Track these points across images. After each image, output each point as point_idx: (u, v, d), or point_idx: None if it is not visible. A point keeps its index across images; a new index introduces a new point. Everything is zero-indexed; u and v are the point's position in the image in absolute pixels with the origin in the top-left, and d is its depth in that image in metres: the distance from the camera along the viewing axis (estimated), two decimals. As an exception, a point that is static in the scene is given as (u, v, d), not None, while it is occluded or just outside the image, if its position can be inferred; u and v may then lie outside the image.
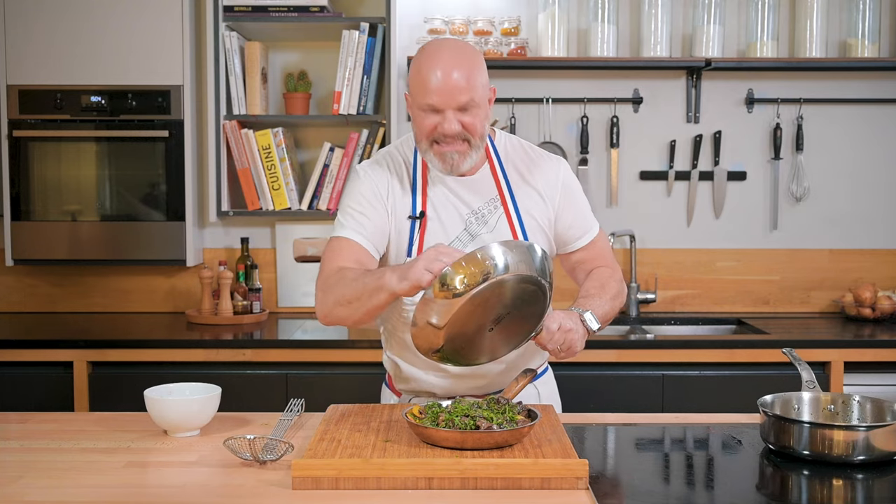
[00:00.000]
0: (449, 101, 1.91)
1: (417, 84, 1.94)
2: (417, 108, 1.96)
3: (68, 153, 3.44)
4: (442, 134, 1.94)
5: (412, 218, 2.02)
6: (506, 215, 2.05)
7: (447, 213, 2.04)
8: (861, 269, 3.74)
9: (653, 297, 3.69)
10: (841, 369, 3.12)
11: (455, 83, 1.90)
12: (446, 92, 1.90)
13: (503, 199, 2.05)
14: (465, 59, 1.93)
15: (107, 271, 3.72)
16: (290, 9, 3.43)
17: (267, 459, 1.71)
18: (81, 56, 3.40)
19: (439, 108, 1.92)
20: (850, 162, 3.74)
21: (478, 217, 2.04)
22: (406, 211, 2.04)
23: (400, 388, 2.17)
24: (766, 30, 3.58)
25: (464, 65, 1.92)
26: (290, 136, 3.66)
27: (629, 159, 3.73)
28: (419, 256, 1.79)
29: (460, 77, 1.91)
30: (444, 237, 2.02)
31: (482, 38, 3.55)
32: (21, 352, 3.12)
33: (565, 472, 1.59)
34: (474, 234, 2.03)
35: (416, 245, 2.02)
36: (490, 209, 2.05)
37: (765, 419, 1.79)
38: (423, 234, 2.02)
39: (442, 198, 2.04)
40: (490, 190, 2.06)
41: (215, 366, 3.08)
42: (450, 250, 1.77)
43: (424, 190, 2.05)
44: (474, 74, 1.93)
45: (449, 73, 1.90)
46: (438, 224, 2.03)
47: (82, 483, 1.63)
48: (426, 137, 1.97)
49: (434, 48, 1.96)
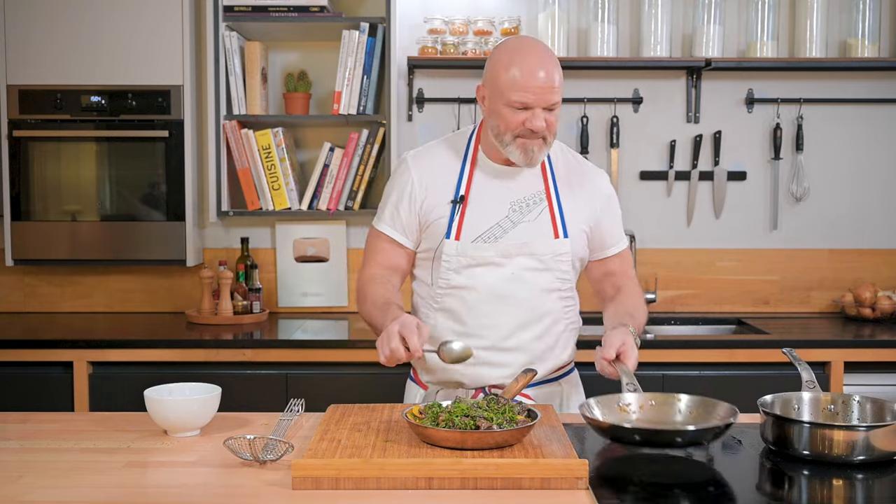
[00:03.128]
0: (540, 100, 2.01)
1: (507, 81, 2.01)
2: (504, 103, 2.03)
3: (68, 153, 3.44)
4: (530, 130, 2.03)
5: (453, 202, 2.11)
6: (549, 209, 2.13)
7: (492, 199, 2.12)
8: (861, 269, 3.74)
9: (653, 297, 3.69)
10: (841, 369, 3.12)
11: (548, 83, 2.01)
12: (540, 91, 2.00)
13: (548, 194, 2.14)
14: (553, 59, 2.04)
15: (107, 271, 3.72)
16: (290, 9, 3.43)
17: (267, 459, 1.71)
18: (81, 56, 3.40)
19: (531, 106, 2.00)
20: (850, 162, 3.74)
21: (521, 207, 2.12)
22: (449, 195, 2.12)
23: (426, 381, 2.21)
24: (766, 30, 3.58)
25: (554, 66, 2.03)
26: (290, 136, 3.66)
27: (629, 159, 3.73)
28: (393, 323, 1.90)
29: (551, 78, 2.01)
30: (483, 221, 2.10)
31: (482, 38, 3.55)
32: (21, 352, 3.12)
33: (565, 472, 1.59)
34: (516, 221, 2.11)
35: (456, 227, 2.10)
36: (535, 201, 2.14)
37: (765, 419, 1.79)
38: (462, 217, 2.10)
39: (488, 183, 2.13)
40: (537, 183, 2.15)
41: (215, 366, 3.08)
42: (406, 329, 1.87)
43: (471, 175, 2.14)
44: (559, 76, 2.04)
45: (542, 73, 2.00)
46: (480, 209, 2.11)
47: (82, 483, 1.64)
48: (511, 131, 2.04)
49: (524, 47, 2.05)
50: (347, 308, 3.73)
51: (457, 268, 2.10)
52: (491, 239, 2.09)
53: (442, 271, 2.11)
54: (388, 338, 1.88)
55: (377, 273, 2.17)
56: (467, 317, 2.11)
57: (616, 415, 1.84)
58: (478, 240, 2.09)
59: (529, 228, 2.11)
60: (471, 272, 2.10)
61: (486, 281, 2.09)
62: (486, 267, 2.09)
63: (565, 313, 2.18)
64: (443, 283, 2.12)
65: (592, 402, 1.84)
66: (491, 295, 2.10)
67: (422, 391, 2.22)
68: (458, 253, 2.09)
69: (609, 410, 1.83)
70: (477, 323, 2.11)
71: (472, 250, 2.09)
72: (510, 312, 2.10)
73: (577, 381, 2.31)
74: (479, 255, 2.09)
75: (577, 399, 2.26)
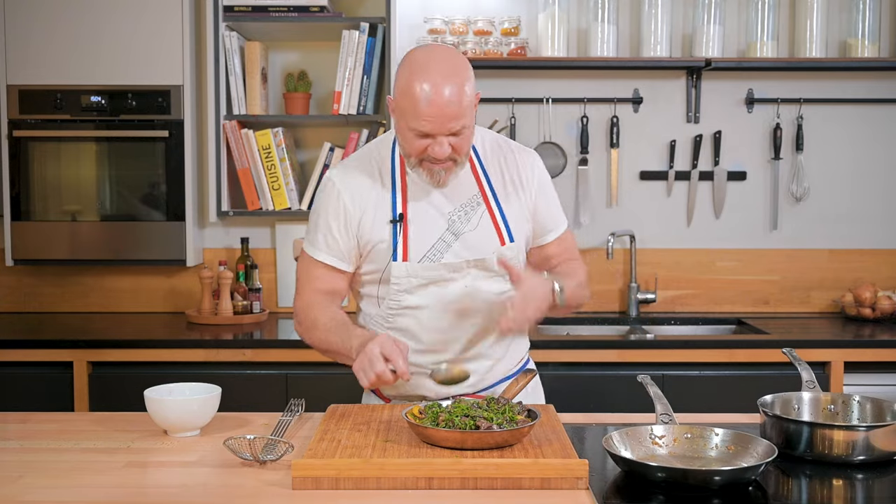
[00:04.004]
0: (442, 128, 1.89)
1: (407, 105, 1.89)
2: (406, 127, 1.92)
3: (68, 153, 3.44)
4: (432, 157, 1.93)
5: (392, 221, 2.02)
6: (488, 212, 2.05)
7: (429, 214, 2.03)
8: (861, 269, 3.74)
9: (653, 297, 3.69)
10: (841, 369, 3.12)
11: (448, 112, 1.86)
12: (440, 119, 1.87)
13: (485, 197, 2.06)
14: (456, 80, 1.87)
15: (107, 271, 3.72)
16: (290, 9, 3.43)
17: (267, 459, 1.71)
18: (81, 56, 3.40)
19: (432, 134, 1.90)
20: (850, 162, 3.74)
21: (460, 215, 2.04)
22: (385, 214, 2.03)
23: (389, 394, 2.15)
24: (766, 30, 3.58)
25: (456, 88, 1.87)
26: (290, 136, 3.66)
27: (629, 159, 3.73)
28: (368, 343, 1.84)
29: (453, 104, 1.86)
30: (426, 238, 2.02)
31: (482, 38, 3.55)
32: (21, 352, 3.11)
33: (565, 472, 1.59)
34: (457, 232, 2.03)
35: (401, 248, 2.00)
36: (472, 206, 2.05)
37: (765, 419, 1.79)
38: (405, 236, 2.01)
39: (422, 197, 2.03)
40: (471, 188, 2.06)
41: (215, 366, 3.08)
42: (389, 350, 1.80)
43: (404, 191, 2.04)
44: (465, 96, 1.89)
45: (442, 101, 1.85)
46: (420, 225, 2.02)
47: (82, 483, 1.64)
48: (415, 155, 1.95)
49: (426, 66, 1.88)
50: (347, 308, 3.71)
51: (408, 288, 2.01)
52: (436, 256, 2.01)
53: (392, 293, 2.02)
54: (371, 361, 1.80)
55: (315, 300, 2.06)
56: (423, 335, 2.04)
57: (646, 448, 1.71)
58: (424, 259, 2.01)
59: (473, 239, 2.02)
60: (424, 291, 2.02)
61: (440, 297, 2.02)
62: (438, 284, 2.02)
63: None
64: (393, 304, 2.03)
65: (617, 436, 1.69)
66: (446, 311, 2.02)
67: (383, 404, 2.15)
68: (409, 274, 2.00)
69: (637, 443, 1.70)
70: (434, 339, 2.04)
71: (421, 270, 2.00)
72: (466, 325, 2.03)
73: (533, 367, 2.24)
74: (428, 274, 2.01)
75: (536, 388, 2.22)
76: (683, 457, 1.69)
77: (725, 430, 1.71)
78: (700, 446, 1.71)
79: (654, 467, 1.56)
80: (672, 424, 1.75)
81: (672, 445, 1.72)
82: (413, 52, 1.96)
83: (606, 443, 1.64)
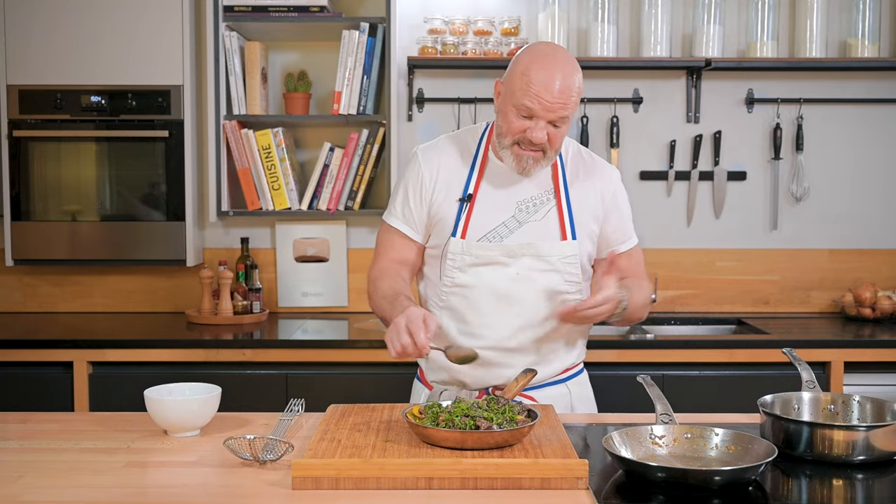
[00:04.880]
0: (546, 112, 1.97)
1: (521, 84, 1.97)
2: (512, 105, 2.00)
3: (68, 153, 3.44)
4: (528, 140, 2.00)
5: (461, 200, 2.10)
6: (557, 208, 2.10)
7: (498, 198, 2.10)
8: (861, 269, 3.74)
9: (653, 297, 3.69)
10: (841, 369, 3.12)
11: (559, 99, 1.96)
12: (548, 104, 1.96)
13: (557, 193, 2.12)
14: (573, 76, 1.98)
15: (107, 271, 3.72)
16: (290, 9, 3.43)
17: (267, 459, 1.71)
18: (81, 56, 3.40)
19: (535, 116, 1.98)
20: (850, 162, 3.74)
21: (529, 206, 2.10)
22: (458, 191, 2.11)
23: (432, 380, 2.20)
24: (766, 30, 3.58)
25: (570, 80, 1.97)
26: (290, 136, 3.66)
27: (629, 159, 3.73)
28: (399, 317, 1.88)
29: (564, 93, 1.96)
30: (490, 219, 2.09)
31: (482, 38, 3.55)
32: (21, 352, 3.11)
33: (565, 472, 1.59)
34: (522, 221, 2.10)
35: (462, 225, 2.08)
36: (543, 200, 2.11)
37: (765, 419, 1.79)
38: (469, 216, 2.09)
39: (497, 182, 2.11)
40: (546, 182, 2.12)
41: (215, 366, 3.08)
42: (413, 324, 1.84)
43: (481, 173, 2.12)
44: (576, 92, 1.98)
45: (554, 86, 1.95)
46: (487, 208, 2.09)
47: (82, 483, 1.64)
48: (511, 135, 2.02)
49: (548, 55, 1.99)
50: (347, 308, 3.73)
51: (461, 266, 2.09)
52: (496, 238, 2.08)
53: (447, 269, 2.10)
54: (397, 332, 1.87)
55: (387, 266, 2.16)
56: (469, 315, 2.10)
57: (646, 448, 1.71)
58: (483, 238, 2.08)
59: (536, 228, 2.09)
60: (475, 271, 2.08)
61: (489, 280, 2.08)
62: (490, 266, 2.08)
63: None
64: (448, 280, 2.11)
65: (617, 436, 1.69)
66: (493, 294, 2.08)
67: (426, 391, 2.21)
68: (464, 251, 2.08)
69: (638, 443, 1.71)
70: (479, 322, 2.09)
71: (476, 249, 2.07)
72: (512, 313, 2.09)
73: (585, 382, 2.28)
74: (483, 253, 2.08)
75: (585, 401, 2.24)
76: (683, 457, 1.69)
77: (725, 430, 1.71)
78: (700, 446, 1.71)
79: (654, 467, 1.56)
80: (672, 424, 1.75)
81: (672, 445, 1.72)
82: (536, 43, 2.08)
83: (606, 443, 1.65)
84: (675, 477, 1.54)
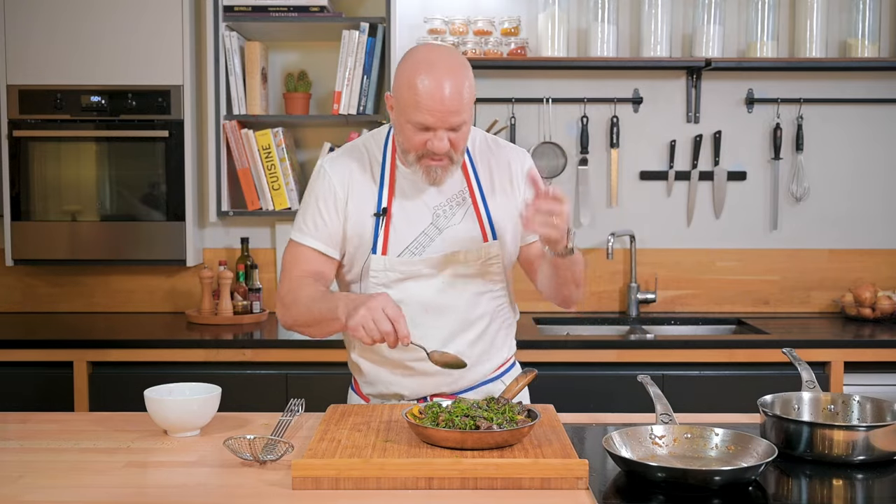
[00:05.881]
0: (442, 122, 1.89)
1: (410, 98, 1.89)
2: (406, 121, 1.92)
3: (68, 153, 3.44)
4: (431, 151, 1.93)
5: (376, 215, 2.03)
6: (474, 209, 2.06)
7: (414, 207, 2.04)
8: (861, 269, 3.74)
9: (653, 297, 3.69)
10: (841, 369, 3.12)
11: (450, 105, 1.88)
12: (441, 114, 1.88)
13: (472, 193, 2.06)
14: (460, 75, 1.90)
15: (107, 271, 3.72)
16: (290, 9, 3.43)
17: (267, 459, 1.71)
18: (81, 56, 3.40)
19: (432, 128, 1.91)
20: (850, 162, 3.74)
21: (445, 210, 2.05)
22: (371, 206, 2.04)
23: (367, 393, 2.15)
24: (766, 30, 3.58)
25: (458, 83, 1.88)
26: (290, 136, 3.66)
27: (629, 159, 3.73)
28: (369, 300, 1.80)
29: (455, 98, 1.88)
30: (409, 232, 2.03)
31: (482, 38, 3.55)
32: (21, 352, 3.12)
33: (565, 472, 1.59)
34: (441, 227, 2.04)
35: (381, 241, 2.02)
36: (458, 201, 2.06)
37: (765, 419, 1.79)
38: (387, 230, 2.02)
39: (409, 191, 2.04)
40: (458, 183, 2.06)
41: (215, 366, 3.08)
42: (392, 311, 1.78)
43: (392, 184, 2.05)
44: (467, 93, 1.90)
45: (444, 94, 1.87)
46: (404, 218, 2.03)
47: (82, 483, 1.64)
48: (414, 151, 1.95)
49: (430, 62, 1.90)
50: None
51: (386, 282, 2.02)
52: (418, 250, 2.02)
53: (370, 287, 2.03)
54: (377, 320, 1.78)
55: (302, 279, 2.04)
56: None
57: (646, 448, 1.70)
58: (404, 252, 2.02)
59: (456, 233, 2.03)
60: (401, 286, 2.02)
61: (417, 293, 2.02)
62: (416, 280, 2.02)
63: (499, 311, 2.12)
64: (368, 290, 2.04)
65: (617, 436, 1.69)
66: (423, 307, 2.02)
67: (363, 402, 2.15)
68: (386, 268, 2.02)
69: (638, 443, 1.70)
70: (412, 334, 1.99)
71: (399, 265, 2.01)
72: (444, 322, 2.04)
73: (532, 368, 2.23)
74: (406, 269, 2.02)
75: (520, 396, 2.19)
76: (683, 457, 1.69)
77: (725, 430, 1.71)
78: (700, 446, 1.71)
79: (654, 467, 1.56)
80: (672, 424, 1.75)
81: (672, 445, 1.72)
82: (414, 49, 1.98)
83: (606, 443, 1.65)
84: (675, 477, 1.54)
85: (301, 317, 2.00)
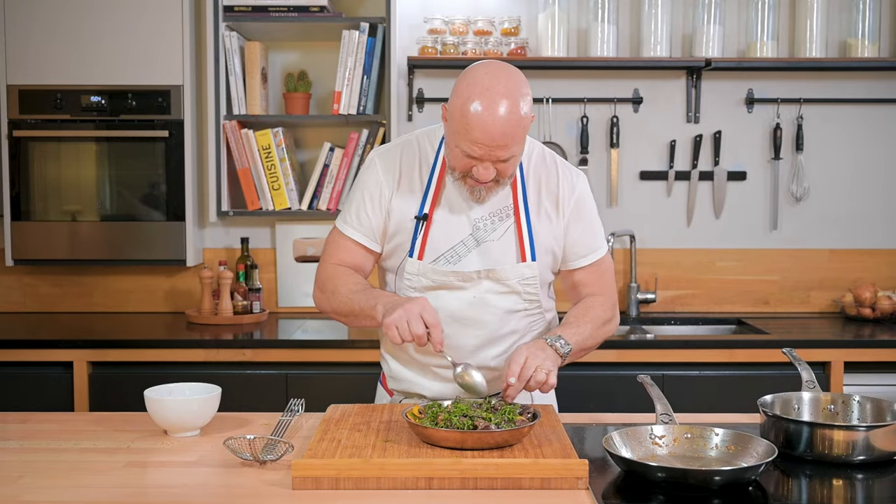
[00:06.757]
0: (489, 156, 1.85)
1: (461, 125, 1.83)
2: (455, 144, 1.87)
3: (68, 153, 3.44)
4: (475, 178, 1.90)
5: (417, 219, 2.01)
6: (516, 226, 2.02)
7: (456, 217, 2.01)
8: (861, 269, 3.74)
9: (653, 297, 3.69)
10: (841, 369, 3.12)
11: (500, 139, 1.82)
12: (489, 148, 1.83)
13: (517, 210, 2.02)
14: (513, 110, 1.82)
15: (107, 271, 3.72)
16: (290, 9, 3.43)
17: (267, 459, 1.71)
18: (81, 56, 3.40)
19: (480, 159, 1.86)
20: (850, 162, 3.74)
21: (487, 224, 2.02)
22: (413, 208, 2.02)
23: (392, 388, 2.16)
24: (766, 30, 3.58)
25: (511, 118, 1.81)
26: (290, 136, 3.66)
27: (629, 159, 3.73)
28: (407, 303, 1.84)
29: (506, 135, 1.82)
30: (447, 239, 2.01)
31: (482, 38, 3.55)
32: (21, 352, 3.11)
33: (565, 472, 1.59)
34: (480, 240, 2.01)
35: (419, 246, 2.00)
36: (502, 217, 2.02)
37: (765, 419, 1.79)
38: (426, 235, 2.01)
39: (453, 200, 2.01)
40: (505, 198, 2.01)
41: (215, 366, 3.08)
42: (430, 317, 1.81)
43: (438, 190, 2.02)
44: (519, 128, 1.84)
45: (496, 128, 1.80)
46: (444, 227, 2.01)
47: (82, 483, 1.64)
48: (459, 170, 1.92)
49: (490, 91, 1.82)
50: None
51: (418, 287, 2.01)
52: (453, 258, 2.00)
53: (404, 288, 2.03)
54: (411, 321, 1.81)
55: (341, 268, 2.05)
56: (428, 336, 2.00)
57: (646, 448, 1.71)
58: (439, 259, 2.00)
59: (493, 249, 2.00)
60: (433, 294, 2.01)
61: (447, 304, 2.00)
62: (447, 290, 2.01)
63: (533, 327, 2.10)
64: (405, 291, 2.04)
65: (617, 436, 1.69)
66: (451, 317, 2.00)
67: (388, 397, 2.17)
68: (419, 273, 2.00)
69: (638, 443, 1.70)
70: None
71: (432, 273, 2.00)
72: (471, 334, 2.03)
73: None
74: (439, 278, 2.00)
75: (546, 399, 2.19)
76: (683, 457, 1.69)
77: (725, 430, 1.71)
78: (700, 446, 1.71)
79: (654, 467, 1.56)
80: (672, 424, 1.75)
81: (672, 445, 1.72)
82: (476, 69, 1.89)
83: (606, 443, 1.65)
84: (675, 477, 1.54)
85: (340, 307, 2.01)
